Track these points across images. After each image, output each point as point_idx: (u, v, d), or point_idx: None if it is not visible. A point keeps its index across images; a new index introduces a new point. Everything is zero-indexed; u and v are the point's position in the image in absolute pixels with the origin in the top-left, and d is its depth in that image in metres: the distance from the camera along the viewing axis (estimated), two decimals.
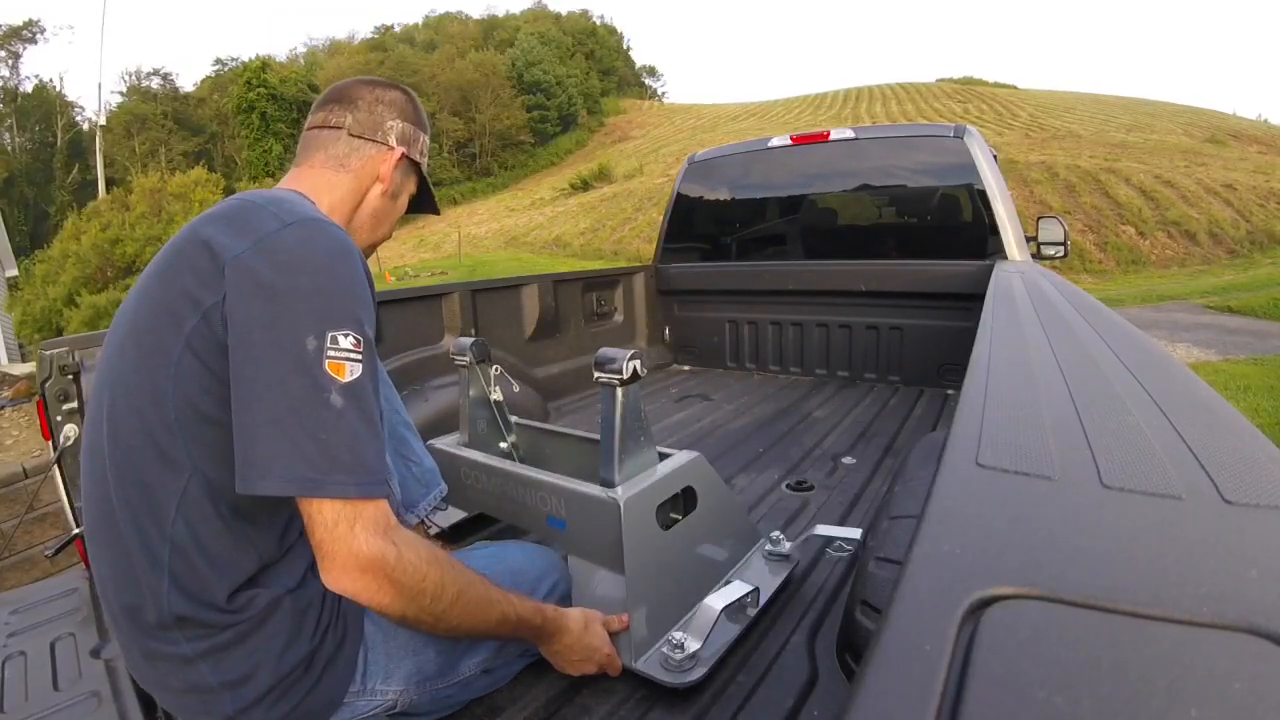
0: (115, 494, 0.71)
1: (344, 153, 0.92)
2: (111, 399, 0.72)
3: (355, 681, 0.80)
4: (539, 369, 2.74)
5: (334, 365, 0.66)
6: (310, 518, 0.67)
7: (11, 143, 38.71)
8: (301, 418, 0.65)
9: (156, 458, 0.69)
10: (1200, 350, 6.53)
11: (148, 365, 0.69)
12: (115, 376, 0.73)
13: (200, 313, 0.67)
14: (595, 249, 19.10)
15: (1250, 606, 0.31)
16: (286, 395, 0.65)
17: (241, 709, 0.73)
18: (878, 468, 1.88)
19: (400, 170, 0.97)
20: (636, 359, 1.01)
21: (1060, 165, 16.72)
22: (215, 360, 0.67)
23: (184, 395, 0.68)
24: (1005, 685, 0.26)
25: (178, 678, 0.73)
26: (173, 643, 0.72)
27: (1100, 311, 1.24)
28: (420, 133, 0.99)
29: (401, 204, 1.01)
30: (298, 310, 0.67)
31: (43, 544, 2.03)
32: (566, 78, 53.88)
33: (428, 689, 0.86)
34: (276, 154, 41.05)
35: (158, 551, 0.70)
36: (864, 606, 0.91)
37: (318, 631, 0.76)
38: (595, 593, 1.05)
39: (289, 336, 0.66)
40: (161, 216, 6.65)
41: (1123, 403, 0.63)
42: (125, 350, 0.72)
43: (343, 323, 0.68)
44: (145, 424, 0.69)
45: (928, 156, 2.70)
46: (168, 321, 0.69)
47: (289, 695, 0.75)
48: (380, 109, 0.94)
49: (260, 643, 0.73)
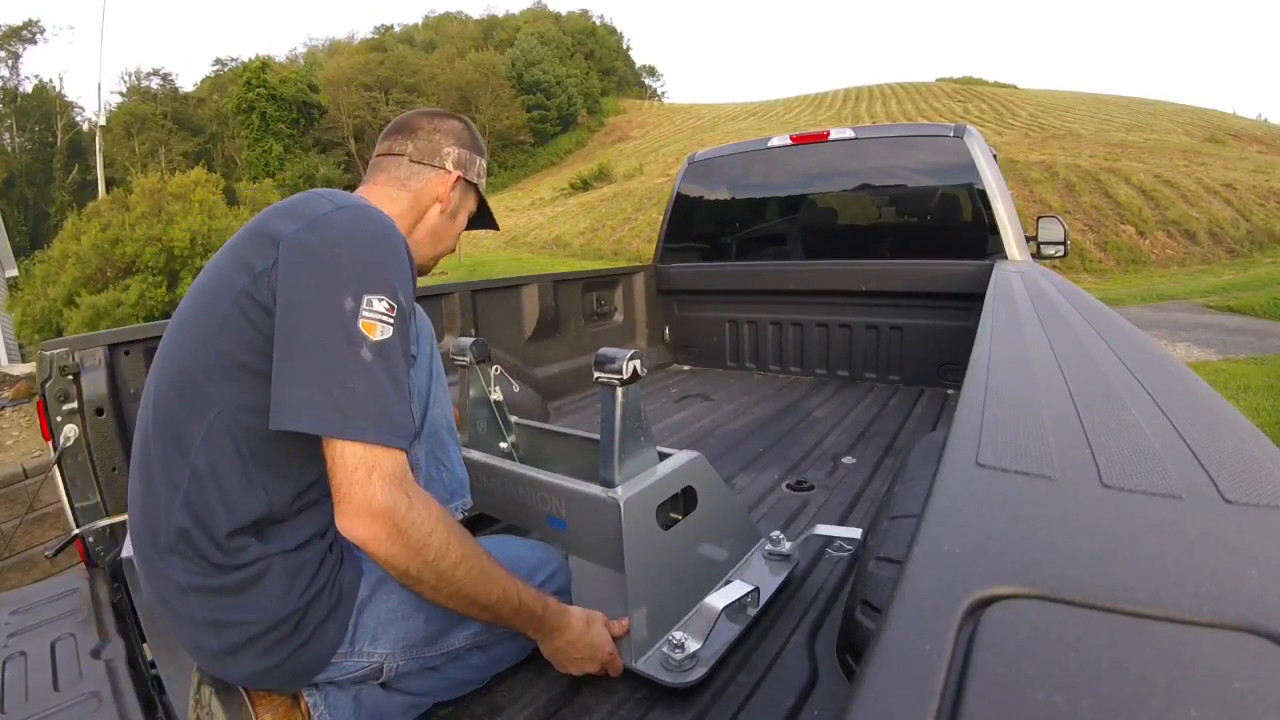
0: (153, 422, 0.79)
1: (405, 175, 1.01)
2: (171, 345, 0.82)
3: (344, 643, 0.83)
4: (539, 369, 2.74)
5: (367, 324, 0.73)
6: (332, 461, 0.72)
7: (11, 143, 38.69)
8: (334, 367, 0.72)
9: (193, 393, 0.76)
10: (1200, 350, 6.53)
11: (201, 317, 0.78)
12: (176, 325, 0.83)
13: (251, 276, 0.76)
14: (595, 249, 19.09)
15: (1250, 606, 0.31)
16: (323, 347, 0.72)
17: (227, 650, 0.78)
18: (878, 467, 1.88)
19: (458, 191, 1.05)
20: (636, 359, 1.01)
21: (1060, 165, 16.72)
22: (258, 317, 0.75)
23: (225, 343, 0.75)
24: (1005, 685, 0.26)
25: (175, 602, 0.78)
26: (172, 567, 0.77)
27: (1100, 311, 1.24)
28: (476, 157, 1.08)
29: (461, 221, 1.10)
30: (340, 275, 0.74)
31: (43, 544, 2.03)
32: (566, 78, 53.87)
33: (414, 655, 0.89)
34: (276, 154, 41.04)
35: (178, 475, 0.76)
36: (864, 606, 0.91)
37: (308, 593, 0.80)
38: (595, 592, 1.05)
39: (331, 296, 0.73)
40: (161, 217, 6.64)
41: (1123, 402, 0.63)
42: (187, 309, 0.82)
43: (379, 288, 0.75)
44: (187, 365, 0.77)
45: (928, 156, 2.70)
46: (224, 285, 0.77)
47: (276, 650, 0.78)
48: (438, 137, 1.03)
49: (250, 597, 0.77)
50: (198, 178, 7.48)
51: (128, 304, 6.12)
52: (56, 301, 6.39)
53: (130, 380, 1.45)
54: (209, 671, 0.83)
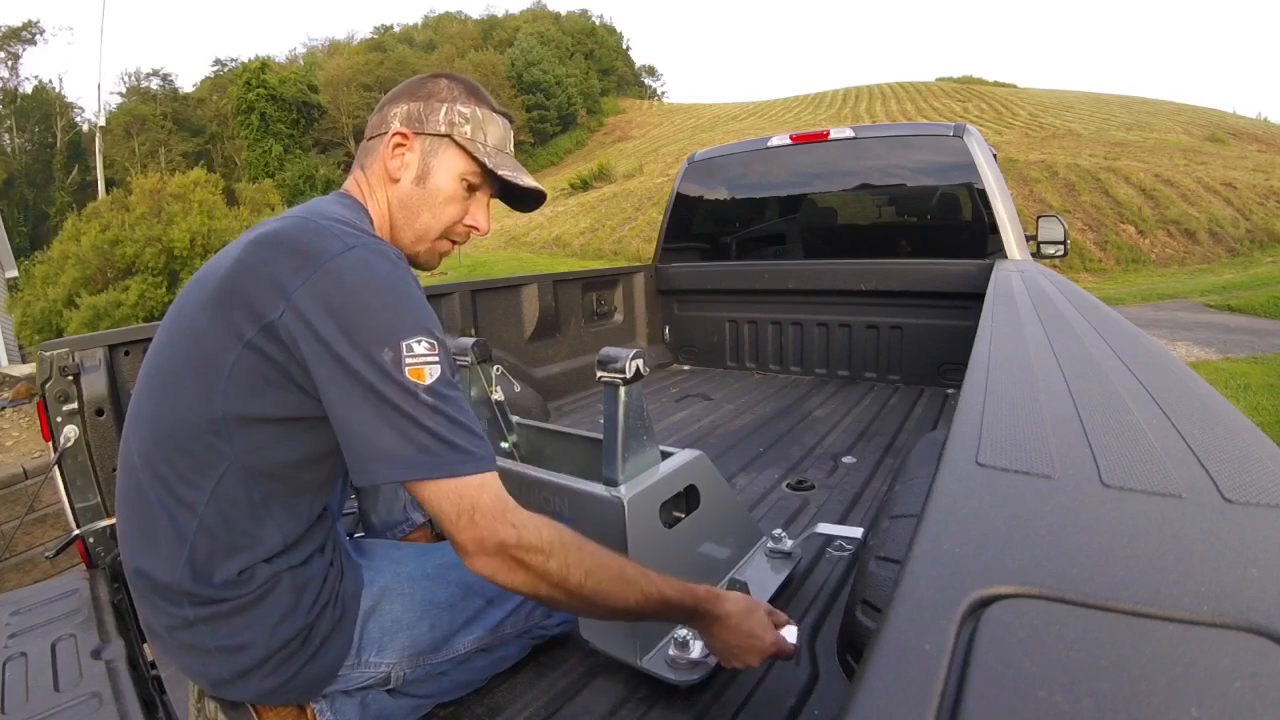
0: (145, 474, 0.76)
1: (360, 157, 0.92)
2: (158, 394, 0.77)
3: (350, 655, 0.84)
4: (539, 369, 2.74)
5: (414, 371, 0.70)
6: (432, 506, 0.70)
7: (11, 144, 38.67)
8: (401, 417, 0.69)
9: (199, 450, 0.73)
10: (1200, 349, 6.53)
11: (196, 368, 0.73)
12: (157, 372, 0.78)
13: (258, 326, 0.71)
14: (595, 249, 19.09)
15: (1250, 605, 0.31)
16: (382, 401, 0.68)
17: (238, 673, 0.78)
18: (878, 467, 1.88)
19: (418, 151, 0.88)
20: (639, 358, 1.01)
21: (1060, 164, 16.71)
22: (270, 369, 0.71)
23: (236, 400, 0.72)
24: (1005, 684, 0.26)
25: (182, 635, 0.78)
26: (177, 605, 0.76)
27: (1100, 310, 1.24)
28: (441, 105, 0.88)
29: (438, 186, 0.89)
30: (371, 325, 0.70)
31: (43, 545, 2.02)
32: (566, 77, 53.86)
33: (421, 662, 0.89)
34: (276, 154, 41.00)
35: (184, 528, 0.74)
36: (864, 605, 0.91)
37: (315, 607, 0.80)
38: None
39: (369, 352, 0.69)
40: (161, 217, 6.63)
41: (1123, 401, 0.63)
42: (169, 354, 0.77)
43: (412, 331, 0.71)
44: (186, 419, 0.74)
45: (927, 155, 2.70)
46: (221, 333, 0.72)
47: (286, 666, 0.78)
48: (388, 106, 0.90)
49: (258, 615, 0.76)
50: (197, 178, 7.47)
51: (127, 305, 6.12)
52: (56, 302, 6.39)
53: (130, 380, 1.45)
54: (217, 694, 0.82)
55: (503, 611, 0.97)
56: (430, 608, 0.90)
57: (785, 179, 3.07)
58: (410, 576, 0.92)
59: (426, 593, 0.91)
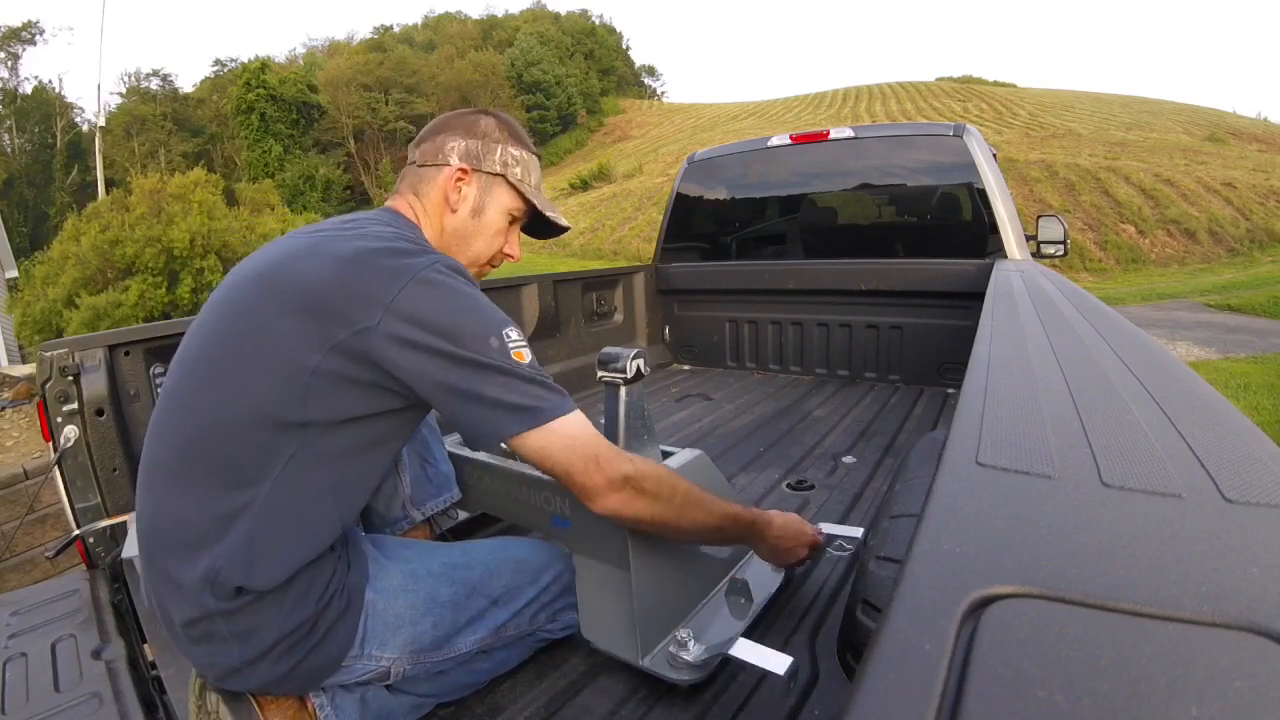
0: (193, 459, 0.78)
1: (414, 181, 1.00)
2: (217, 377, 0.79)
3: (354, 646, 0.85)
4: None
5: (518, 354, 0.81)
6: (562, 465, 0.80)
7: (11, 144, 38.66)
8: (518, 385, 0.79)
9: (264, 437, 0.77)
10: (1200, 349, 6.53)
11: (277, 360, 0.77)
12: (223, 357, 0.80)
13: (348, 330, 0.76)
14: (595, 249, 19.09)
15: (1250, 605, 0.31)
16: (503, 383, 0.78)
17: (247, 661, 0.79)
18: (878, 467, 1.88)
19: (474, 187, 0.99)
20: (640, 358, 1.02)
21: (1060, 164, 16.71)
22: (355, 368, 0.77)
23: (314, 393, 0.76)
24: (1005, 684, 0.26)
25: (196, 627, 0.79)
26: (202, 596, 0.77)
27: (1100, 310, 1.24)
28: (496, 145, 0.99)
29: (491, 220, 1.01)
30: (475, 322, 0.80)
31: (43, 545, 2.02)
32: (566, 77, 53.83)
33: (421, 659, 0.91)
34: (276, 154, 40.98)
35: (233, 518, 0.76)
36: (865, 605, 0.91)
37: (324, 597, 0.82)
38: (600, 590, 1.05)
39: (481, 344, 0.78)
40: (161, 217, 6.62)
41: (1123, 401, 0.63)
42: (247, 339, 0.79)
43: (505, 323, 0.82)
44: (260, 407, 0.76)
45: (927, 155, 2.70)
46: (304, 329, 0.77)
47: (292, 653, 0.80)
48: (443, 135, 0.99)
49: (272, 603, 0.79)
50: (197, 178, 7.46)
51: (127, 305, 6.11)
52: (56, 302, 6.38)
53: (130, 381, 1.45)
54: (221, 685, 0.83)
55: (506, 613, 0.98)
56: (434, 606, 0.91)
57: (785, 179, 3.07)
58: (415, 574, 0.93)
59: (431, 590, 0.92)
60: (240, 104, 41.33)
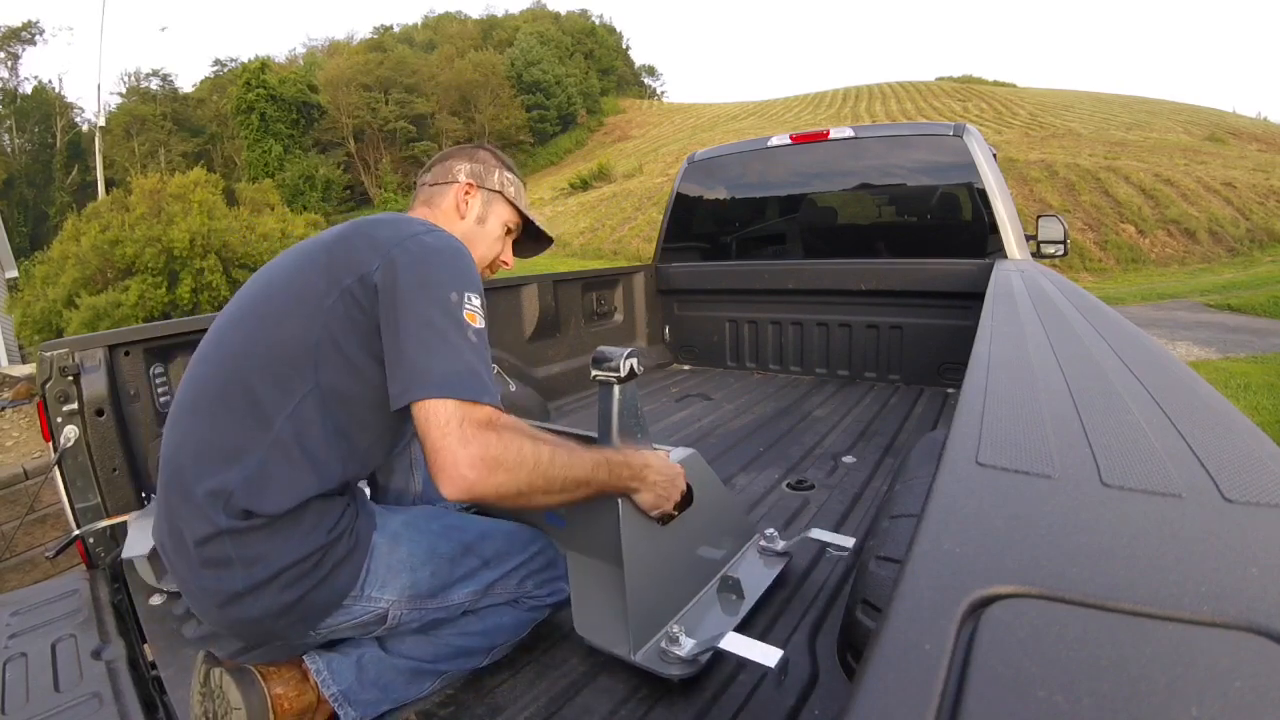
0: (231, 383, 0.87)
1: (428, 197, 1.16)
2: (249, 328, 0.90)
3: (355, 586, 0.90)
4: (539, 369, 2.74)
5: (470, 315, 0.86)
6: (428, 421, 0.79)
7: (11, 144, 38.65)
8: (449, 345, 0.83)
9: (286, 373, 0.86)
10: (1200, 348, 6.53)
11: (302, 303, 0.88)
12: (253, 310, 0.92)
13: (356, 276, 0.88)
14: (595, 249, 19.09)
15: (1250, 605, 0.31)
16: (435, 330, 0.83)
17: (252, 587, 0.84)
18: (878, 467, 1.88)
19: (478, 199, 1.15)
20: (634, 357, 1.02)
21: (1060, 163, 16.70)
22: (358, 312, 0.87)
23: (331, 330, 0.86)
24: (1005, 684, 0.26)
25: (205, 548, 0.83)
26: (215, 513, 0.82)
27: (1100, 310, 1.24)
28: (496, 168, 1.17)
29: (492, 228, 1.16)
30: (443, 275, 0.88)
31: (43, 546, 2.02)
32: (566, 77, 53.81)
33: (417, 605, 0.96)
34: (276, 154, 40.97)
35: (255, 442, 0.84)
36: (865, 605, 0.91)
37: (334, 531, 0.87)
38: (594, 587, 1.05)
39: (437, 291, 0.86)
40: (161, 217, 6.62)
41: (1123, 401, 0.63)
42: (283, 290, 0.92)
43: (473, 287, 0.90)
44: (289, 341, 0.87)
45: (927, 155, 2.70)
46: (326, 277, 0.89)
47: (297, 585, 0.85)
48: (450, 162, 1.16)
49: (282, 529, 0.84)
50: (197, 178, 7.46)
51: (127, 305, 6.11)
52: (56, 303, 6.38)
53: (130, 381, 1.45)
54: (222, 620, 0.87)
55: (496, 574, 1.03)
56: (433, 556, 0.97)
57: (785, 179, 3.07)
58: (420, 528, 0.99)
59: (431, 543, 0.98)
60: (240, 104, 41.31)
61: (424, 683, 0.98)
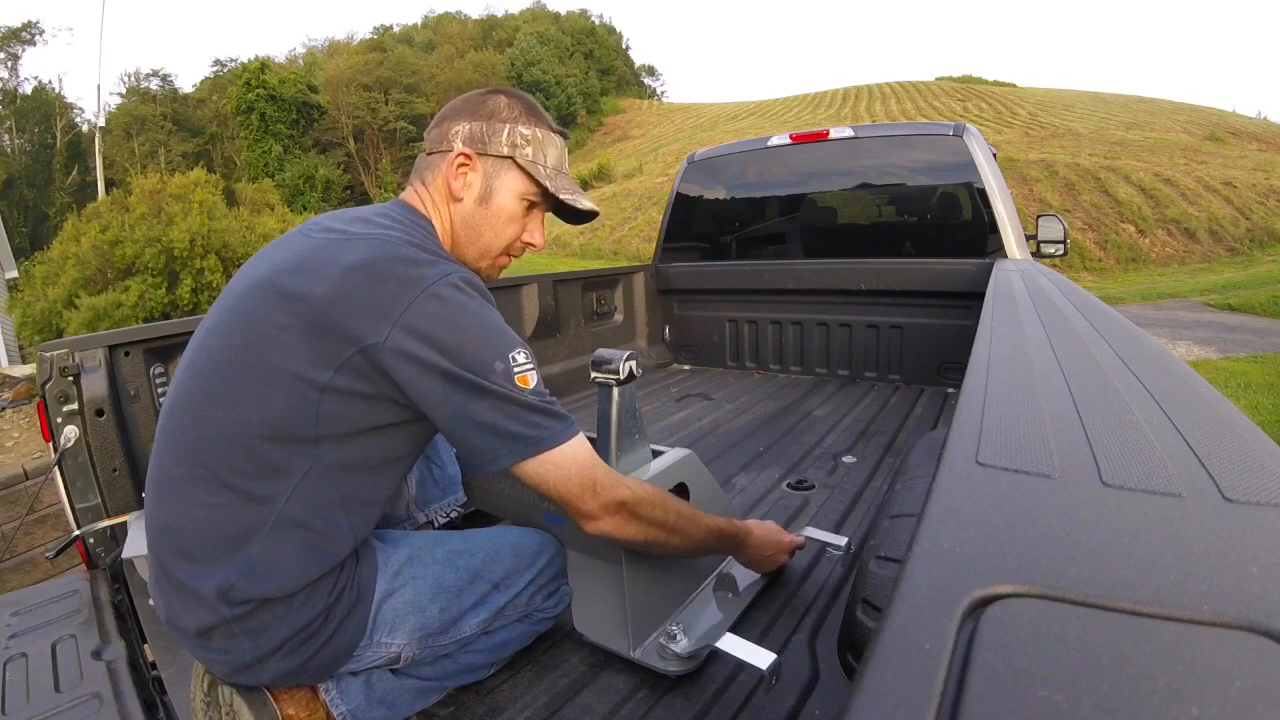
0: (204, 469, 0.77)
1: (422, 171, 0.96)
2: (228, 387, 0.78)
3: (364, 636, 0.87)
4: (539, 369, 2.74)
5: (522, 379, 0.80)
6: (559, 489, 0.81)
7: (11, 144, 38.64)
8: (517, 411, 0.78)
9: (277, 450, 0.76)
10: (1200, 348, 6.53)
11: (288, 375, 0.76)
12: (231, 370, 0.78)
13: (356, 347, 0.75)
14: (595, 249, 19.09)
15: (1251, 604, 0.31)
16: (499, 402, 0.78)
17: (259, 658, 0.80)
18: (878, 466, 1.88)
19: (480, 173, 0.93)
20: (633, 359, 1.03)
21: (1060, 163, 16.70)
22: (364, 383, 0.77)
23: (328, 411, 0.77)
24: (1005, 683, 0.26)
25: (210, 634, 0.79)
26: (217, 605, 0.77)
27: (1100, 309, 1.23)
28: (504, 125, 0.92)
29: (501, 207, 0.94)
30: (480, 345, 0.78)
31: (43, 546, 2.02)
32: (565, 77, 53.83)
33: (429, 644, 0.92)
34: (276, 154, 40.98)
35: (252, 529, 0.76)
36: (865, 605, 0.91)
37: (334, 591, 0.83)
38: (593, 585, 1.06)
39: (485, 368, 0.77)
40: (161, 218, 6.62)
41: (1123, 401, 0.63)
42: (254, 350, 0.77)
43: (513, 344, 0.81)
44: (273, 426, 0.76)
45: (927, 155, 2.70)
46: (321, 350, 0.76)
47: (304, 648, 0.82)
48: (449, 122, 0.94)
49: (284, 601, 0.79)
50: (197, 178, 7.46)
51: (127, 305, 6.12)
52: (56, 303, 6.38)
53: (130, 381, 1.45)
54: (233, 680, 0.84)
55: (506, 596, 0.99)
56: (440, 592, 0.93)
57: (785, 178, 3.07)
58: (423, 562, 0.95)
59: (437, 577, 0.94)
60: (240, 104, 41.32)
61: (430, 697, 0.97)
